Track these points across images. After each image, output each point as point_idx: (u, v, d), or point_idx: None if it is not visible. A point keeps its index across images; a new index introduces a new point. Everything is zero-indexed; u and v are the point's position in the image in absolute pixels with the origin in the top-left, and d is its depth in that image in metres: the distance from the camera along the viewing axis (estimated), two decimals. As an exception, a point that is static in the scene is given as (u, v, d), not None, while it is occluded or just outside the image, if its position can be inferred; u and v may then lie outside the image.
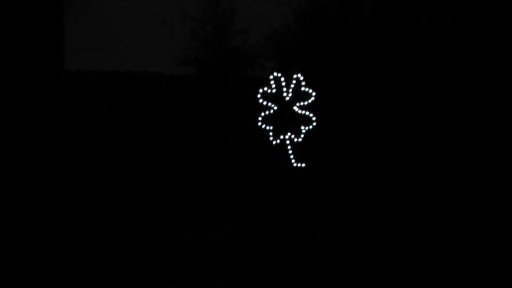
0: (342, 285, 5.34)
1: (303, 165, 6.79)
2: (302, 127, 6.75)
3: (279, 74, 6.70)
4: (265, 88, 6.63)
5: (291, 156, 6.73)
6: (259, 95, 6.60)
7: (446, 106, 7.43)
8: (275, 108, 6.66)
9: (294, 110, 6.73)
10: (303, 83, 6.74)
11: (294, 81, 6.72)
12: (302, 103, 6.75)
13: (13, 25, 4.37)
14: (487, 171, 6.22)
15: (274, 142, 6.68)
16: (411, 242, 6.34)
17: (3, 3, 4.38)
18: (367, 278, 5.48)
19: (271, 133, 6.67)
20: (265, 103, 6.62)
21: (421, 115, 7.70)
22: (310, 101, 6.75)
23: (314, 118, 6.74)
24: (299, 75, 6.74)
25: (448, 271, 5.63)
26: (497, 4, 6.64)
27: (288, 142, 6.74)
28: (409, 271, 5.70)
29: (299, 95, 6.74)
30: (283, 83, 6.70)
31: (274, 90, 6.67)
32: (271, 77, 6.70)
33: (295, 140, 6.74)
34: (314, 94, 6.74)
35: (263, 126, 6.62)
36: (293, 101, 6.73)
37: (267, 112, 6.63)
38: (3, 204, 4.28)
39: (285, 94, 6.70)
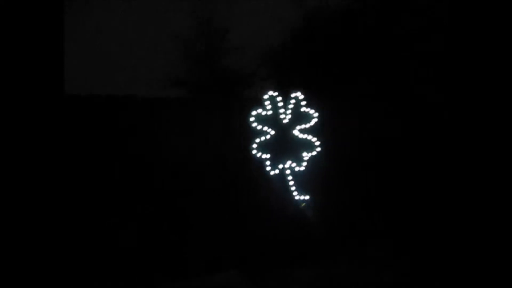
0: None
1: (307, 197, 5.84)
2: (304, 154, 5.81)
3: (275, 93, 5.75)
4: (259, 110, 5.69)
5: (293, 188, 5.78)
6: (252, 118, 5.65)
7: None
8: (272, 132, 5.72)
9: (294, 134, 5.79)
10: (303, 103, 5.81)
11: (292, 101, 5.79)
12: (303, 126, 5.81)
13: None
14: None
15: (272, 173, 5.73)
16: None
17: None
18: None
19: (268, 162, 5.72)
20: (259, 127, 5.67)
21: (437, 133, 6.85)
22: (312, 123, 5.82)
23: (317, 143, 5.81)
24: (298, 93, 5.79)
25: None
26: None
27: (288, 171, 5.79)
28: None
29: (299, 117, 5.80)
30: (280, 104, 5.77)
31: (269, 112, 5.73)
32: (265, 96, 5.74)
33: (297, 169, 5.79)
34: (316, 115, 5.81)
35: (258, 154, 5.66)
36: (292, 123, 5.79)
37: (262, 138, 5.68)
38: None
39: (282, 116, 5.77)
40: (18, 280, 4.37)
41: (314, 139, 5.81)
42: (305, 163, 5.81)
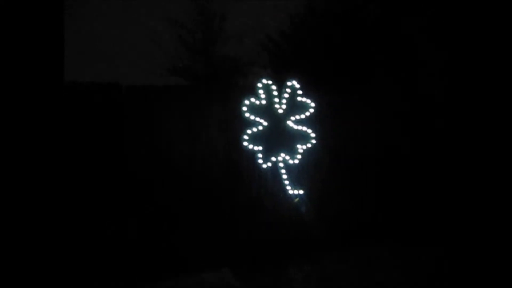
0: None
1: (301, 192, 5.58)
2: (299, 146, 5.54)
3: (270, 82, 5.46)
4: (252, 99, 5.40)
5: (286, 182, 5.52)
6: (244, 108, 5.36)
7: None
8: (265, 123, 5.44)
9: (288, 125, 5.51)
10: (300, 92, 5.52)
11: (288, 90, 5.50)
12: (298, 117, 5.53)
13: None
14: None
15: (264, 166, 5.46)
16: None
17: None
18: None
19: (260, 155, 5.44)
20: (252, 117, 5.39)
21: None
22: (308, 114, 5.54)
23: (313, 135, 5.54)
24: (294, 82, 5.51)
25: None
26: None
27: (281, 164, 5.52)
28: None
29: (294, 107, 5.53)
30: (275, 93, 5.48)
31: (263, 102, 5.45)
32: (259, 85, 5.45)
33: (290, 161, 5.52)
34: (313, 105, 5.53)
35: (250, 146, 5.38)
36: (287, 114, 5.52)
37: (254, 129, 5.40)
38: None
39: (277, 106, 5.48)
40: (18, 279, 4.23)
41: (309, 131, 5.54)
42: (299, 156, 5.54)
